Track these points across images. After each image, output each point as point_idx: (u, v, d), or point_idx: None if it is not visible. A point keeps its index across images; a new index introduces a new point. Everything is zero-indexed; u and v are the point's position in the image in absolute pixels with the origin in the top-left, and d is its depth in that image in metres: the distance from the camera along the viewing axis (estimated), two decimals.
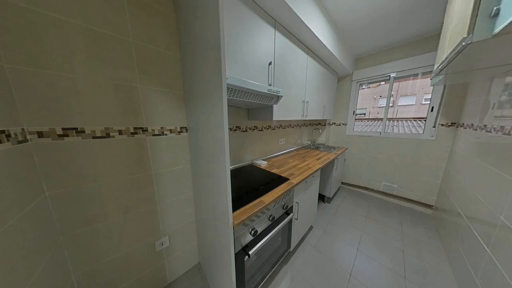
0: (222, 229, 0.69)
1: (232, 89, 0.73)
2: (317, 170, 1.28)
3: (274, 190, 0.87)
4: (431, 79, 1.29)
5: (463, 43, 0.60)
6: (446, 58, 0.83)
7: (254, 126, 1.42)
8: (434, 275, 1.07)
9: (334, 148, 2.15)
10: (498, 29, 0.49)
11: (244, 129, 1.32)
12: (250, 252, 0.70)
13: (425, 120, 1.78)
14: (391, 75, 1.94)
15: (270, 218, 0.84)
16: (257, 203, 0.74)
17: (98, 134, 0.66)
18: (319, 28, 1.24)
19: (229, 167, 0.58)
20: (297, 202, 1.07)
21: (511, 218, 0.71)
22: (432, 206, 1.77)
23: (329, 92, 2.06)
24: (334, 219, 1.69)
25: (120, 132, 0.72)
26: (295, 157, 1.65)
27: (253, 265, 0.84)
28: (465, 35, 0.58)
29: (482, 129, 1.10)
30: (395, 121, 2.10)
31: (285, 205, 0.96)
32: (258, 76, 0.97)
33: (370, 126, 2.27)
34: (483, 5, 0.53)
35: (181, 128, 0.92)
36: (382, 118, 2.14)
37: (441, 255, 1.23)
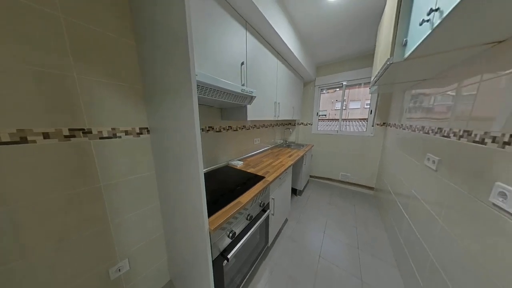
0: (197, 237, 0.65)
1: (203, 87, 0.70)
2: (289, 166, 1.41)
3: (251, 189, 0.91)
4: (369, 88, 1.65)
5: (388, 63, 0.82)
6: (378, 73, 1.10)
7: (229, 126, 1.42)
8: (377, 242, 1.39)
9: (303, 146, 2.41)
10: (407, 54, 0.70)
11: (217, 130, 1.30)
12: (229, 256, 0.69)
13: (366, 121, 2.25)
14: (343, 83, 2.35)
15: (248, 218, 0.87)
16: (234, 205, 0.75)
17: (5, 139, 0.49)
18: (286, 35, 1.37)
19: (202, 170, 0.56)
20: (273, 198, 1.15)
21: (418, 190, 1.01)
22: (373, 188, 2.26)
23: (297, 95, 2.29)
24: (305, 209, 1.91)
25: (46, 136, 0.55)
26: (270, 156, 1.76)
27: (232, 268, 0.84)
28: (389, 57, 0.79)
29: (400, 127, 1.50)
30: (348, 121, 2.51)
31: (262, 203, 1.02)
32: (231, 76, 0.99)
33: (330, 125, 2.67)
34: (398, 36, 0.74)
35: (140, 129, 0.81)
36: (338, 119, 2.55)
37: (380, 226, 1.59)
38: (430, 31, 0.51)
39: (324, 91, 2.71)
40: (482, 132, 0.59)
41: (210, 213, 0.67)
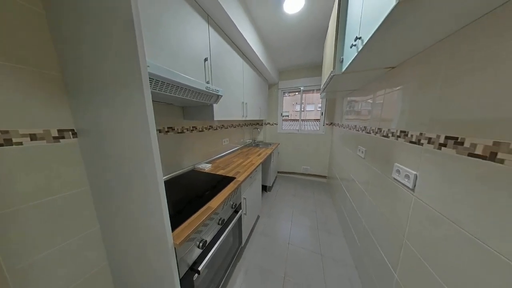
0: (159, 257, 0.56)
1: (157, 81, 0.60)
2: (259, 165, 1.47)
3: (222, 192, 0.89)
4: (320, 94, 1.98)
5: (331, 74, 1.00)
6: (325, 82, 1.33)
7: (193, 127, 1.31)
8: (329, 221, 1.70)
9: (270, 144, 2.58)
10: (343, 69, 0.88)
11: (180, 130, 1.17)
12: (200, 268, 0.64)
13: (319, 121, 2.69)
14: (301, 88, 2.69)
15: (220, 222, 0.84)
16: (203, 211, 0.70)
17: None
18: (250, 36, 1.40)
19: (162, 178, 0.49)
20: (244, 198, 1.17)
21: (354, 174, 1.31)
22: (326, 176, 2.74)
23: (263, 96, 2.42)
24: (274, 203, 2.05)
25: None
26: (240, 156, 1.77)
27: (205, 279, 0.78)
28: (332, 69, 0.97)
29: (341, 126, 1.90)
30: (305, 122, 2.92)
31: (234, 204, 1.01)
32: (193, 72, 0.92)
33: (292, 125, 3.00)
34: (338, 54, 0.92)
35: (60, 131, 0.62)
36: (298, 119, 2.91)
37: (332, 207, 1.95)
38: (356, 53, 0.67)
39: (286, 94, 2.99)
40: (387, 129, 0.84)
41: (174, 226, 0.60)
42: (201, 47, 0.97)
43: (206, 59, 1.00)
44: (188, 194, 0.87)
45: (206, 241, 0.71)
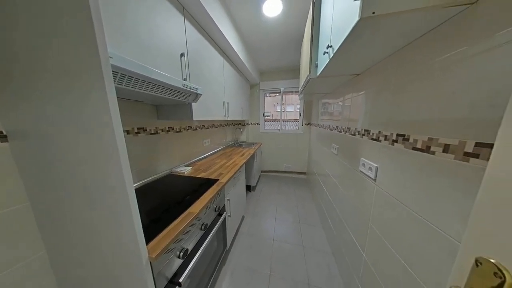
0: (131, 276, 0.50)
1: (124, 75, 0.53)
2: (242, 165, 1.47)
3: (204, 195, 0.85)
4: (298, 95, 2.10)
5: (308, 78, 1.08)
6: (302, 84, 1.42)
7: (169, 127, 1.21)
8: (309, 214, 1.83)
9: (253, 144, 2.60)
10: (318, 74, 0.96)
11: (153, 131, 1.07)
12: (181, 280, 0.59)
13: (298, 121, 2.86)
14: (281, 89, 2.80)
15: (203, 227, 0.80)
16: (183, 218, 0.66)
17: None
18: (230, 34, 1.38)
19: (132, 186, 0.44)
20: (228, 200, 1.15)
21: (329, 169, 1.45)
22: (306, 173, 2.93)
23: (245, 96, 2.42)
24: (259, 202, 2.08)
25: None
26: (222, 157, 1.72)
27: None
28: (308, 73, 1.05)
29: (318, 126, 2.06)
30: (286, 122, 3.06)
31: (217, 207, 0.98)
32: (168, 67, 0.85)
33: (274, 125, 3.09)
34: (313, 59, 1.00)
35: None
36: (279, 119, 3.02)
37: (310, 201, 2.10)
38: (328, 60, 0.74)
39: (267, 95, 3.06)
40: (354, 128, 0.96)
41: (150, 238, 0.54)
42: (177, 41, 0.91)
43: (182, 55, 0.94)
44: (166, 200, 0.80)
45: (187, 249, 0.66)
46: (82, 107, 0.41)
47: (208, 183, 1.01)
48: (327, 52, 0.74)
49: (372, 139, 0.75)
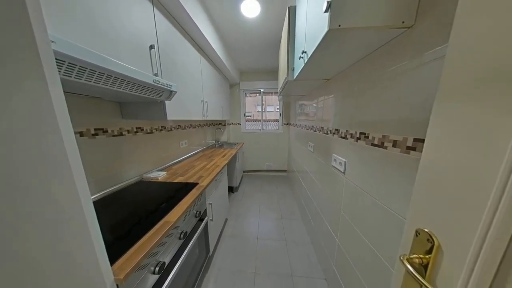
0: None
1: (73, 65, 0.43)
2: (224, 166, 1.43)
3: (182, 201, 0.79)
4: (278, 96, 2.18)
5: (286, 80, 1.13)
6: (281, 86, 1.48)
7: (138, 128, 1.07)
8: (291, 209, 1.93)
9: (235, 144, 2.57)
10: (294, 77, 1.01)
11: (116, 133, 0.93)
12: None
13: (278, 121, 2.98)
14: (261, 90, 2.86)
15: (182, 236, 0.74)
16: (159, 228, 0.60)
17: None
18: (207, 30, 1.33)
19: (89, 199, 0.38)
20: (210, 203, 1.10)
21: (307, 166, 1.56)
22: (286, 170, 3.08)
23: (225, 95, 2.37)
24: (241, 203, 2.06)
25: None
26: (202, 158, 1.64)
27: None
28: (286, 76, 1.10)
29: (295, 126, 2.19)
30: (267, 122, 3.13)
31: (198, 212, 0.93)
32: (136, 60, 0.76)
33: (255, 125, 3.12)
34: (290, 63, 1.05)
35: None
36: (260, 119, 3.07)
37: (291, 197, 2.22)
38: (303, 65, 0.80)
39: (248, 95, 3.07)
40: (326, 128, 1.06)
41: (116, 257, 0.47)
42: (145, 31, 0.81)
43: (152, 47, 0.84)
44: (136, 211, 0.71)
45: (164, 263, 0.60)
46: (7, 104, 0.32)
47: (186, 187, 0.94)
48: (302, 57, 0.79)
49: (341, 137, 0.85)
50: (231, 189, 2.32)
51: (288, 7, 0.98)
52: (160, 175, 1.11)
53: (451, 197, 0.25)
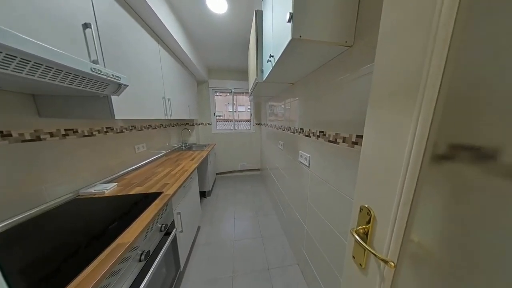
0: None
1: None
2: (194, 170, 1.32)
3: (141, 216, 0.67)
4: (249, 97, 2.21)
5: (256, 82, 1.16)
6: (251, 87, 1.50)
7: (68, 129, 0.82)
8: (265, 206, 2.01)
9: (205, 146, 2.41)
10: (264, 78, 1.05)
11: (30, 137, 0.68)
12: None
13: (250, 121, 3.02)
14: (232, 90, 2.81)
15: (142, 257, 0.63)
16: (108, 255, 0.49)
17: None
18: (167, 18, 1.18)
19: None
20: (178, 213, 0.99)
21: (278, 163, 1.67)
22: (259, 169, 3.18)
23: (191, 93, 2.19)
24: (216, 207, 1.98)
25: None
26: (166, 164, 1.45)
27: None
28: (256, 77, 1.13)
29: (267, 125, 2.29)
30: (239, 122, 3.12)
31: (164, 225, 0.82)
32: (63, 42, 0.58)
33: (226, 125, 3.04)
34: (259, 65, 1.08)
35: None
36: (232, 119, 3.02)
37: (266, 194, 2.32)
38: (271, 68, 0.84)
39: (218, 94, 2.95)
40: (293, 127, 1.17)
41: None
42: (77, 6, 0.64)
43: (87, 26, 0.66)
44: (72, 239, 0.55)
45: None
46: None
47: (146, 199, 0.81)
48: (270, 61, 0.84)
49: (305, 135, 0.96)
50: (203, 194, 2.17)
51: (256, 11, 1.01)
52: (108, 188, 0.90)
53: (379, 178, 0.34)
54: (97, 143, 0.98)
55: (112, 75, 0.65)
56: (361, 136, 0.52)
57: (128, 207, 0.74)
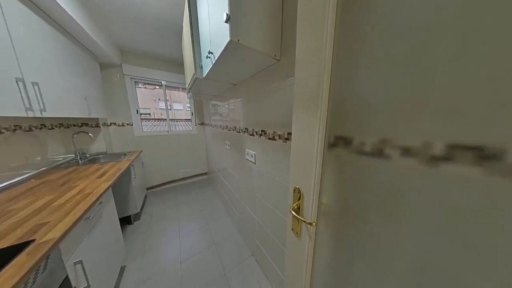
0: None
1: None
2: (105, 191, 0.93)
3: None
4: (187, 93, 1.95)
5: (195, 77, 1.05)
6: (190, 83, 1.34)
7: None
8: (216, 210, 1.91)
9: (125, 154, 1.79)
10: (204, 75, 0.98)
11: None
12: None
13: (191, 121, 2.69)
14: (162, 82, 2.31)
15: None
16: None
17: None
18: None
19: None
20: (79, 261, 0.66)
21: (226, 163, 1.65)
22: (206, 172, 2.96)
23: (91, 80, 1.53)
24: (151, 230, 1.56)
25: None
26: (41, 191, 0.91)
27: None
28: (194, 72, 1.01)
29: (211, 125, 2.17)
30: (176, 121, 2.66)
31: None
32: None
33: (158, 126, 2.46)
34: (197, 59, 0.98)
35: None
36: (166, 119, 2.51)
37: (216, 198, 2.20)
38: (211, 65, 0.81)
39: (140, 85, 2.29)
40: (238, 127, 1.21)
41: None
42: None
43: None
44: None
45: None
46: None
47: None
48: (209, 57, 0.80)
49: (250, 134, 1.04)
50: (127, 220, 1.62)
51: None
52: None
53: (303, 164, 0.46)
54: None
55: None
56: (291, 133, 0.65)
57: None
